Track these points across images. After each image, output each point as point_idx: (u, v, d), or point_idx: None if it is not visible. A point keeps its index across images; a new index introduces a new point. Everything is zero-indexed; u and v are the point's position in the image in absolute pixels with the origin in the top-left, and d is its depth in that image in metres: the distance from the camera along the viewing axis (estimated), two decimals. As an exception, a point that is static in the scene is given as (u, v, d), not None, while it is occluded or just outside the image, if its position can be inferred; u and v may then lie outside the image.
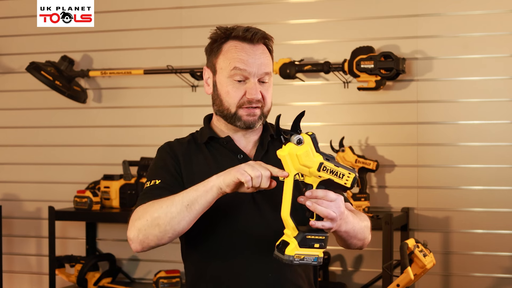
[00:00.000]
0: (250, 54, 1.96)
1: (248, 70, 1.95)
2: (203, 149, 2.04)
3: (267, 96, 1.99)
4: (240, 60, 1.95)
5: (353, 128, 3.69)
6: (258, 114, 1.98)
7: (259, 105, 1.97)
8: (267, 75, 1.98)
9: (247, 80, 1.96)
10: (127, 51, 4.04)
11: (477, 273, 3.54)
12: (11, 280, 4.24)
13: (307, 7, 3.77)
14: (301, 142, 1.72)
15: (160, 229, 1.82)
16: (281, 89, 3.76)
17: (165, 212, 1.82)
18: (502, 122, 3.52)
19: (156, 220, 1.82)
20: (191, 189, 1.82)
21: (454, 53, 3.57)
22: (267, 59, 1.99)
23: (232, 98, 1.97)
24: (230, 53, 1.97)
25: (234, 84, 1.96)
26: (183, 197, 1.82)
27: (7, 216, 4.20)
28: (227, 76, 1.97)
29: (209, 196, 1.80)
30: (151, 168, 2.03)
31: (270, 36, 2.02)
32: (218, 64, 2.00)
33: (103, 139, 4.08)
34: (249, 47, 1.97)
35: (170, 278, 3.73)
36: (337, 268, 3.73)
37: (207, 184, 1.81)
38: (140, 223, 1.85)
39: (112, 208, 3.81)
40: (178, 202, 1.81)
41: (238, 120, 1.98)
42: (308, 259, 1.74)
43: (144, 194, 1.94)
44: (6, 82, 4.25)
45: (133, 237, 1.86)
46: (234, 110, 1.97)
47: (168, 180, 1.95)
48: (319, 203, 1.73)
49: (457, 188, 3.57)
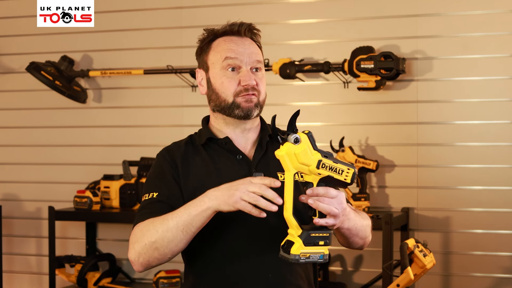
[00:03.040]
0: (240, 44, 2.00)
1: (239, 58, 1.98)
2: (201, 150, 2.04)
3: (261, 84, 2.01)
4: (230, 50, 1.99)
5: (353, 128, 3.69)
6: (254, 101, 1.99)
7: (254, 92, 1.99)
8: (259, 63, 2.01)
9: (240, 69, 1.99)
10: (127, 51, 4.04)
11: (477, 273, 3.54)
12: (11, 280, 4.24)
13: (307, 7, 3.77)
14: (298, 141, 1.73)
15: (160, 252, 1.85)
16: (281, 89, 3.76)
17: (161, 237, 1.83)
18: (502, 122, 3.52)
19: (154, 245, 1.85)
20: (185, 210, 1.82)
21: (454, 53, 3.57)
22: (257, 49, 2.03)
23: (228, 89, 1.98)
24: (219, 46, 2.01)
25: (228, 74, 1.99)
26: (178, 221, 1.82)
27: (7, 216, 4.20)
28: (219, 68, 2.00)
29: (204, 217, 1.82)
30: (149, 177, 2.04)
31: (257, 29, 2.06)
32: (210, 60, 2.03)
33: (103, 139, 4.08)
34: (237, 38, 2.02)
35: (170, 278, 3.73)
36: (337, 268, 3.73)
37: (202, 204, 1.81)
38: (139, 247, 1.87)
39: (112, 208, 3.81)
40: (173, 227, 1.82)
41: (236, 108, 1.98)
42: (314, 257, 1.75)
43: (142, 210, 1.95)
44: (6, 82, 4.25)
45: (134, 260, 1.89)
46: (232, 99, 1.98)
47: (165, 192, 1.96)
48: (320, 201, 1.74)
49: (457, 188, 3.57)
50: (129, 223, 3.86)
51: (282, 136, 1.75)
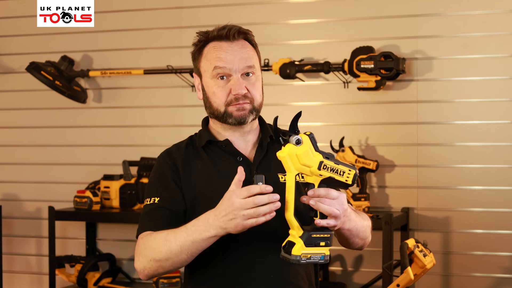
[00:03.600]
0: (229, 51, 1.97)
1: (228, 67, 1.96)
2: (202, 153, 2.03)
3: (253, 90, 1.98)
4: (218, 59, 1.96)
5: (353, 128, 3.69)
6: (248, 109, 1.97)
7: (246, 100, 1.97)
8: (250, 68, 1.98)
9: (230, 77, 1.97)
10: (127, 51, 4.04)
11: (477, 273, 3.54)
12: (11, 280, 4.24)
13: (307, 7, 3.77)
14: (300, 142, 1.73)
15: (164, 269, 1.90)
16: (281, 89, 3.76)
17: (166, 258, 1.86)
18: (502, 122, 3.52)
19: (159, 263, 1.88)
20: (189, 236, 1.82)
21: (454, 53, 3.57)
22: (248, 53, 1.99)
23: (219, 98, 1.97)
24: (209, 54, 1.99)
25: (218, 84, 1.97)
26: (181, 246, 1.83)
27: (7, 216, 4.20)
28: (210, 77, 1.98)
29: (209, 243, 1.83)
30: (151, 180, 2.04)
31: (247, 30, 2.02)
32: (202, 67, 2.02)
33: (103, 139, 4.08)
34: (227, 44, 1.98)
35: (170, 278, 3.72)
36: (337, 268, 3.73)
37: (206, 233, 1.80)
38: (145, 261, 1.90)
39: (112, 208, 3.81)
40: (177, 251, 1.84)
41: (229, 117, 1.98)
42: (315, 258, 1.76)
43: (145, 217, 1.97)
44: (6, 82, 4.24)
45: (140, 271, 1.92)
46: (223, 109, 1.97)
47: (166, 197, 1.97)
48: (322, 202, 1.75)
49: (457, 188, 3.57)
50: (129, 223, 3.87)
51: (284, 137, 1.75)
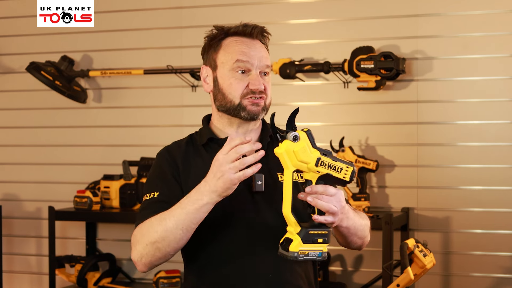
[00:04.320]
0: (251, 47, 1.99)
1: (250, 62, 1.97)
2: (202, 151, 2.03)
3: (268, 88, 2.01)
4: (242, 52, 1.98)
5: (353, 128, 3.69)
6: (262, 105, 1.99)
7: (262, 95, 1.98)
8: (268, 67, 2.01)
9: (250, 72, 1.98)
10: (127, 51, 4.04)
11: (477, 273, 3.54)
12: (11, 280, 4.24)
13: (307, 7, 3.77)
14: (297, 138, 1.73)
15: (161, 251, 1.86)
16: (281, 89, 3.76)
17: (161, 238, 1.84)
18: (502, 122, 3.52)
19: (155, 245, 1.85)
20: (182, 209, 1.82)
21: (454, 53, 3.57)
22: (266, 53, 2.03)
23: (235, 90, 1.97)
24: (230, 47, 2.00)
25: (236, 76, 1.98)
26: (176, 221, 1.82)
27: (7, 216, 4.20)
28: (229, 69, 1.98)
29: (203, 213, 1.82)
30: (150, 177, 2.04)
31: (268, 32, 2.05)
32: (219, 59, 2.01)
33: (103, 139, 4.08)
34: (248, 41, 2.00)
35: (170, 278, 3.73)
36: (337, 268, 3.73)
37: (199, 201, 1.80)
38: (141, 248, 1.88)
39: (112, 208, 3.81)
40: (173, 227, 1.82)
41: (242, 110, 1.98)
42: (313, 255, 1.75)
43: (143, 210, 1.95)
44: (6, 82, 4.25)
45: (137, 261, 1.90)
46: (238, 101, 1.97)
47: (166, 192, 1.96)
48: (319, 198, 1.75)
49: (457, 188, 3.56)
50: (129, 223, 3.86)
51: (281, 134, 1.75)
